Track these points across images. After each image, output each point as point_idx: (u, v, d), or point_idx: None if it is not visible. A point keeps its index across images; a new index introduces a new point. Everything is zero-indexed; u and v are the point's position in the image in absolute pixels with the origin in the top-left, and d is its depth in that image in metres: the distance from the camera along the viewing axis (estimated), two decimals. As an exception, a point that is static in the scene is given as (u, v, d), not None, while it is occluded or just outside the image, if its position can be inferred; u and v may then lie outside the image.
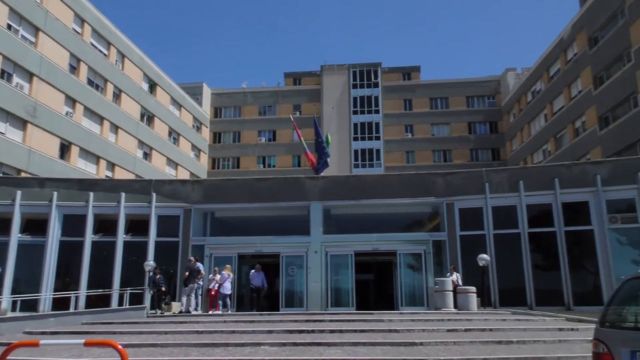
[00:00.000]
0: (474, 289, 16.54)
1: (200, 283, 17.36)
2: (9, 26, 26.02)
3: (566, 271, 18.21)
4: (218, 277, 17.53)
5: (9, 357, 5.56)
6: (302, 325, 12.37)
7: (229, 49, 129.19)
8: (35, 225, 20.36)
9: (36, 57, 27.44)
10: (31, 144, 26.88)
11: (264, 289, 18.38)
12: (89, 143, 31.65)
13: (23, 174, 25.90)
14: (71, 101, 30.30)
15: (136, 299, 18.83)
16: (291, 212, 21.08)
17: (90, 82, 32.26)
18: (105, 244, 20.35)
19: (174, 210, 20.57)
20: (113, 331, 12.13)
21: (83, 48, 31.53)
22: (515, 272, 18.64)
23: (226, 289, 17.46)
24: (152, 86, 40.41)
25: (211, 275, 17.99)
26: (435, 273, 19.16)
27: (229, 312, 17.18)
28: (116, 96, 35.08)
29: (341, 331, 11.43)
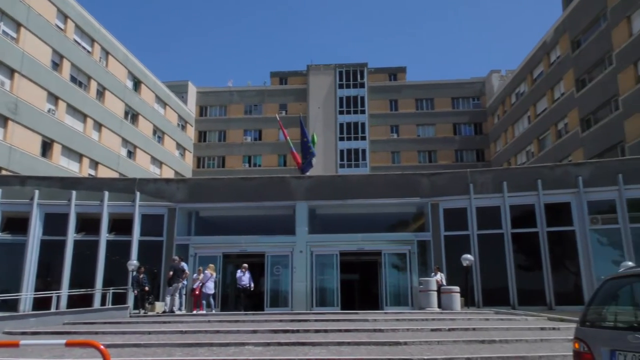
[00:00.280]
0: (457, 288, 16.67)
1: (185, 283, 17.24)
2: (-10, 21, 25.57)
3: (548, 271, 18.46)
4: (202, 277, 17.44)
5: (-12, 358, 5.46)
6: (287, 325, 12.35)
7: (214, 48, 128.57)
8: (16, 224, 20.04)
9: (18, 53, 26.99)
10: (12, 141, 26.43)
11: (250, 288, 18.32)
12: (72, 141, 31.22)
13: (4, 172, 25.44)
14: (53, 98, 29.86)
15: (119, 298, 18.61)
16: (277, 211, 21.04)
17: (73, 79, 31.82)
18: (88, 243, 20.11)
19: (158, 210, 20.40)
20: (95, 331, 11.97)
21: (66, 44, 31.09)
22: (498, 272, 18.83)
23: (209, 288, 17.36)
24: (137, 84, 40.00)
25: (195, 275, 17.88)
26: (420, 273, 19.26)
27: (213, 312, 17.09)
28: (100, 94, 34.65)
29: (326, 331, 11.42)
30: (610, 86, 28.72)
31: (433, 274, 18.00)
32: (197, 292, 17.41)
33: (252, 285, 18.37)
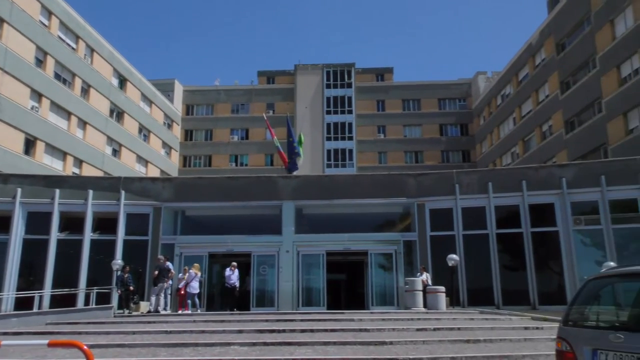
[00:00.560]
0: (443, 288, 16.77)
1: (170, 282, 17.13)
2: (-28, 16, 25.13)
3: (532, 271, 18.67)
4: (187, 276, 17.33)
5: (-32, 359, 5.37)
6: (273, 325, 12.33)
7: (202, 46, 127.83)
8: (-2, 222, 19.71)
9: (1, 49, 26.55)
10: (-6, 138, 26.02)
11: (238, 287, 18.25)
12: (56, 139, 30.80)
13: (-15, 170, 25.04)
14: (37, 95, 29.43)
15: (103, 298, 18.42)
16: (263, 211, 20.99)
17: (57, 76, 31.39)
18: (72, 242, 19.85)
19: (143, 208, 20.22)
20: (79, 331, 11.84)
21: (50, 41, 30.66)
22: (483, 272, 18.99)
23: (194, 288, 17.26)
24: (122, 82, 39.60)
25: (181, 275, 17.76)
26: (406, 273, 19.34)
27: (199, 312, 17.00)
28: (84, 91, 34.23)
29: (312, 330, 11.43)
30: (593, 89, 29.14)
31: (419, 273, 18.09)
32: (182, 292, 17.30)
33: (238, 284, 18.29)
